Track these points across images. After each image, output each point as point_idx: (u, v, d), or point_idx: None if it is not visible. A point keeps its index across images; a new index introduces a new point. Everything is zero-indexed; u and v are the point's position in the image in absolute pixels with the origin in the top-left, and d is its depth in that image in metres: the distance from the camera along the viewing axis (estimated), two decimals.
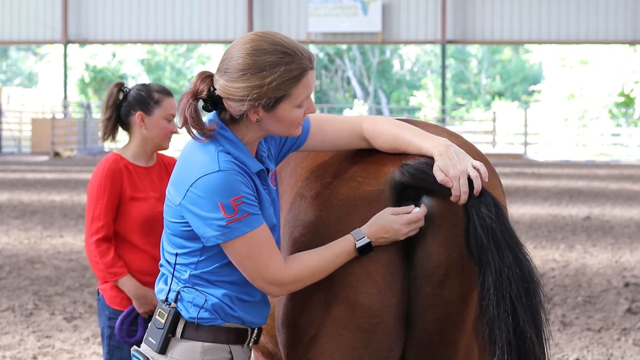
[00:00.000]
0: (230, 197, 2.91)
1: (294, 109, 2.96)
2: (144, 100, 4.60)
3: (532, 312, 2.89)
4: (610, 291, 9.97)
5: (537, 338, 2.89)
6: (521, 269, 2.90)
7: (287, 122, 2.98)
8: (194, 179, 2.93)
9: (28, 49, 62.80)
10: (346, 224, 3.03)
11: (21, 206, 17.34)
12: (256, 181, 3.03)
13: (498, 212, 2.93)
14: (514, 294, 2.87)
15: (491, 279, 2.88)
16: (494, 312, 2.87)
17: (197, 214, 2.94)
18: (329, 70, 60.24)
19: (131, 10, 39.13)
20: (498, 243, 2.90)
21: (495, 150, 37.50)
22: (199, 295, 3.04)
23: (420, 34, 38.31)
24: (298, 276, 2.99)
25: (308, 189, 3.14)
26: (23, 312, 8.81)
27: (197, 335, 3.05)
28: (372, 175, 3.07)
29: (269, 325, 3.39)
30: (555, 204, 18.61)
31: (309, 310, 3.06)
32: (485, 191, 2.94)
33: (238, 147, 3.00)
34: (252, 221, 2.95)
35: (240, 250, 2.95)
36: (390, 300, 2.99)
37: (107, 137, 4.67)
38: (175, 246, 3.06)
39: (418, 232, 2.99)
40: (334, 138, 3.18)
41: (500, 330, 2.86)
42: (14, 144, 38.82)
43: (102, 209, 4.55)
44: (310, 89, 2.97)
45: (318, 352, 3.06)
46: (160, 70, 60.32)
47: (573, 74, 49.07)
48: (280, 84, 2.91)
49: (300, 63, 2.93)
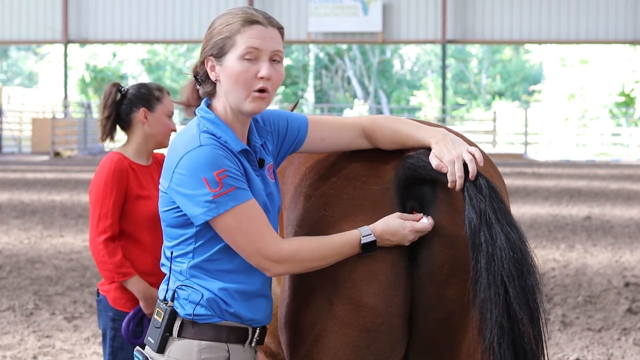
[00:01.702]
0: (213, 171, 2.92)
1: (239, 62, 2.98)
2: (146, 97, 4.62)
3: (525, 294, 2.84)
4: (611, 291, 9.97)
5: (530, 321, 2.84)
6: (514, 250, 2.86)
7: (235, 78, 2.99)
8: (178, 159, 2.97)
9: (28, 48, 62.80)
10: (350, 224, 3.02)
11: (21, 206, 17.34)
12: (243, 161, 3.03)
13: (492, 193, 2.91)
14: (507, 275, 2.84)
15: (483, 260, 2.85)
16: (486, 294, 2.84)
17: (184, 193, 2.95)
18: (329, 70, 60.23)
19: (131, 10, 39.13)
20: (490, 225, 2.87)
21: (495, 150, 37.50)
22: (194, 292, 3.02)
23: (420, 33, 38.32)
24: (297, 253, 2.96)
25: (312, 188, 3.13)
26: (23, 312, 8.80)
27: (194, 333, 3.04)
28: (376, 174, 3.06)
29: (272, 325, 3.38)
30: (556, 203, 18.61)
31: (312, 310, 3.05)
32: (480, 174, 2.94)
33: (220, 128, 3.03)
34: (239, 195, 2.94)
35: (230, 225, 2.94)
36: (393, 300, 2.99)
37: (106, 136, 4.66)
38: (171, 238, 3.07)
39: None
40: (334, 137, 3.18)
41: (492, 312, 2.82)
42: (14, 143, 38.81)
43: (108, 208, 4.53)
44: (256, 41, 2.98)
45: (321, 352, 3.05)
46: (161, 70, 60.32)
47: (573, 73, 49.06)
48: (222, 29, 3.01)
49: (248, 15, 3.01)
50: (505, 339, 2.82)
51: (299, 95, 57.42)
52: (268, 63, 3.00)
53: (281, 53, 3.04)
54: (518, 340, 2.83)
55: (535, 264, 2.92)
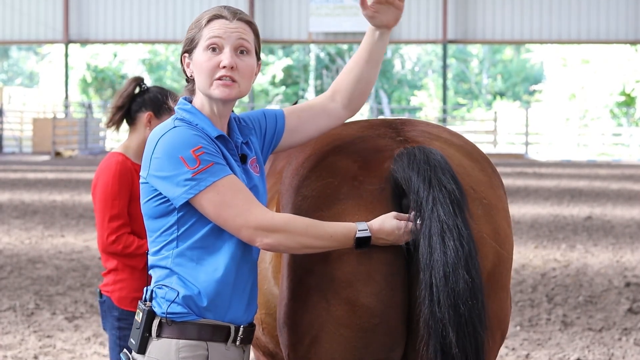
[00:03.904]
0: (189, 149, 2.94)
1: (203, 53, 3.06)
2: (159, 103, 4.64)
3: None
4: (612, 291, 9.97)
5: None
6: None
7: (199, 68, 3.06)
8: (154, 146, 3.00)
9: (29, 48, 62.80)
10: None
11: (22, 206, 17.35)
12: (221, 147, 3.05)
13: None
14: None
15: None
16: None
17: (163, 176, 2.96)
18: (330, 70, 60.23)
19: (132, 10, 39.13)
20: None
21: (496, 150, 37.49)
22: (171, 290, 3.01)
23: (421, 33, 38.31)
24: (289, 224, 2.94)
25: (310, 188, 3.13)
26: (24, 312, 8.81)
27: (172, 332, 3.02)
28: (372, 173, 3.06)
29: (270, 325, 3.38)
30: (557, 203, 18.61)
31: (310, 310, 3.05)
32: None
33: (196, 116, 3.08)
34: (218, 170, 2.95)
35: (214, 200, 2.93)
36: (391, 300, 2.99)
37: (112, 124, 4.69)
38: (153, 231, 3.06)
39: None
40: (308, 111, 3.27)
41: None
42: (15, 143, 38.82)
43: (119, 209, 4.57)
44: (217, 32, 3.06)
45: (319, 352, 3.05)
46: (162, 70, 60.30)
47: (574, 73, 49.05)
48: (192, 26, 3.15)
49: (216, 12, 3.11)
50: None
51: (299, 95, 57.42)
52: (231, 53, 3.05)
53: (247, 44, 3.08)
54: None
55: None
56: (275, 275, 3.33)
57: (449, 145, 3.21)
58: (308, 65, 59.02)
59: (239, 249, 3.03)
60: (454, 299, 2.84)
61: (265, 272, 3.37)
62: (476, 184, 3.11)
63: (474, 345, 2.86)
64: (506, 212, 3.20)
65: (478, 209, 3.06)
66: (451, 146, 3.21)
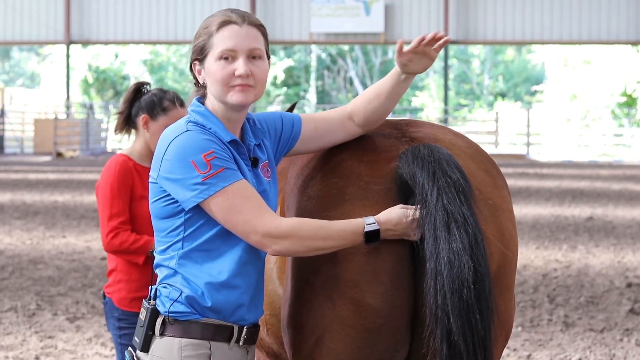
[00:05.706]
0: (200, 153, 2.95)
1: (217, 62, 3.04)
2: (153, 105, 4.68)
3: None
4: (613, 291, 9.96)
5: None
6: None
7: (214, 78, 3.05)
8: (165, 148, 3.00)
9: (30, 49, 62.81)
10: None
11: (24, 206, 17.35)
12: (232, 152, 3.05)
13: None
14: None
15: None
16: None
17: (173, 178, 2.97)
18: (332, 70, 60.23)
19: (134, 10, 39.14)
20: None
21: (497, 150, 37.48)
22: (174, 290, 3.02)
23: (422, 34, 38.26)
24: (298, 230, 2.94)
25: (315, 189, 3.13)
26: (25, 313, 8.81)
27: (175, 331, 3.03)
28: (378, 174, 3.07)
29: (274, 325, 3.37)
30: (558, 204, 18.60)
31: (315, 310, 3.05)
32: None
33: (209, 119, 3.07)
34: (229, 175, 2.95)
35: (223, 205, 2.94)
36: (396, 301, 2.98)
37: (119, 131, 4.77)
38: (160, 231, 3.07)
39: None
40: (325, 123, 3.24)
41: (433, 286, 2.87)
42: (17, 144, 38.84)
43: (120, 207, 4.61)
44: (230, 42, 3.04)
45: (324, 353, 3.05)
46: (163, 70, 60.32)
47: (575, 74, 49.05)
48: (201, 32, 3.10)
49: (225, 17, 3.06)
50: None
51: (300, 96, 57.43)
52: (245, 61, 3.04)
53: (259, 50, 3.08)
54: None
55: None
56: (280, 276, 3.33)
57: (454, 146, 3.21)
58: (309, 66, 59.02)
59: (245, 253, 3.04)
60: (459, 285, 2.82)
61: (270, 272, 3.37)
62: (481, 185, 3.12)
63: (480, 334, 2.83)
64: (511, 212, 3.20)
65: (483, 210, 3.05)
66: (456, 147, 3.21)
